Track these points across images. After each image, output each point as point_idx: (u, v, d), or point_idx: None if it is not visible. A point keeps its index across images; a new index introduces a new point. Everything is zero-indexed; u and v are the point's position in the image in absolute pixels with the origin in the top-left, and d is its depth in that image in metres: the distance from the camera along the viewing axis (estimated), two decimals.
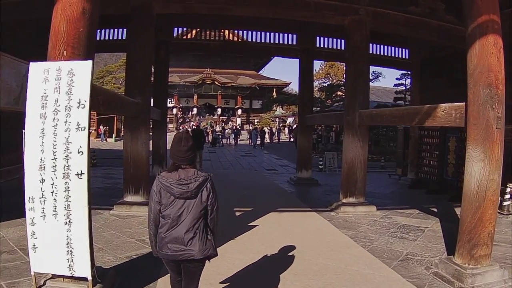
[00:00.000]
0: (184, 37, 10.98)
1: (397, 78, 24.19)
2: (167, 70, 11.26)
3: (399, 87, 24.33)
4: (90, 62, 3.41)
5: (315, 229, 6.35)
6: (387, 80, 70.51)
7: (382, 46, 12.51)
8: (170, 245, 2.69)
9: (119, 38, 10.67)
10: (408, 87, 23.78)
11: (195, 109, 50.37)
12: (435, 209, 8.44)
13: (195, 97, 50.80)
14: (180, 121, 46.09)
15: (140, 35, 7.07)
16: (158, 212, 2.75)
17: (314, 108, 14.46)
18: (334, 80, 43.56)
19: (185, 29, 11.18)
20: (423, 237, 6.27)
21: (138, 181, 6.98)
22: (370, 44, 9.04)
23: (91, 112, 3.53)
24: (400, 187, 11.85)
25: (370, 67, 8.77)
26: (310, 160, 11.74)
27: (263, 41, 11.15)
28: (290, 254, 5.07)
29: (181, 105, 51.40)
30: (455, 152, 10.25)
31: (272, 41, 11.20)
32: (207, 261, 2.85)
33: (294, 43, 11.33)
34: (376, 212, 7.69)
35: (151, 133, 11.52)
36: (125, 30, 10.21)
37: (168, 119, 49.38)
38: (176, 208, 2.69)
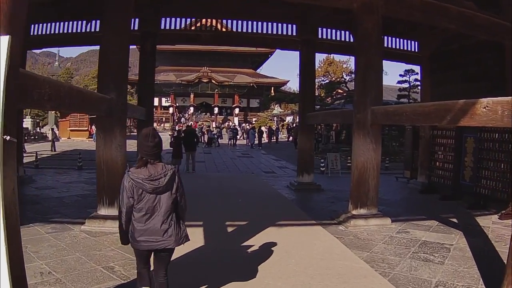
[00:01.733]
0: (173, 28, 9.90)
1: (400, 75, 23.03)
2: (153, 64, 10.18)
3: (402, 84, 23.26)
4: (6, 38, 2.36)
5: (323, 250, 5.28)
6: (389, 77, 69.34)
7: (389, 38, 11.48)
8: (146, 237, 2.85)
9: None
10: (412, 84, 22.79)
11: (191, 108, 49.49)
12: (454, 219, 7.47)
13: (192, 96, 50.06)
14: (176, 121, 45.06)
15: (115, 20, 6.00)
16: (131, 207, 2.87)
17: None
18: (333, 78, 42.50)
19: (173, 19, 10.08)
20: (451, 258, 5.25)
21: (113, 191, 5.91)
22: None
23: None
24: (410, 192, 10.84)
25: None
26: (312, 163, 10.67)
27: (259, 31, 10.10)
28: None
29: (177, 104, 50.50)
30: (473, 154, 9.25)
31: (270, 32, 10.14)
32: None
33: (294, 34, 10.29)
34: (390, 225, 6.66)
35: (135, 133, 10.51)
36: None
37: (164, 118, 48.51)
38: (150, 202, 2.85)
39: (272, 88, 49.44)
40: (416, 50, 12.06)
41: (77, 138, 28.69)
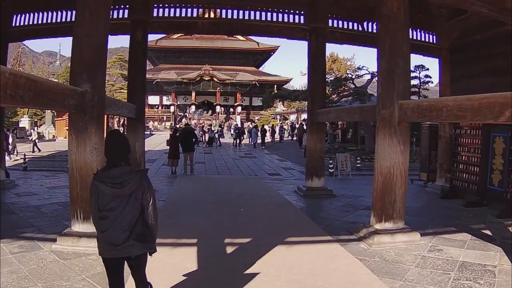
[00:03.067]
0: (166, 16, 8.87)
1: (410, 70, 21.99)
2: (145, 55, 9.13)
3: (412, 81, 22.21)
4: None
5: (346, 279, 4.22)
6: None
7: None
8: (109, 244, 2.72)
9: None
10: (422, 80, 21.78)
11: (193, 107, 48.80)
12: (487, 231, 6.48)
13: (193, 94, 49.46)
14: (178, 119, 44.24)
15: None
16: (98, 212, 2.76)
17: None
18: (338, 76, 41.45)
19: (167, 9, 9.07)
20: (499, 286, 4.25)
21: (88, 203, 4.87)
22: None
23: None
24: (430, 197, 9.78)
25: None
26: (322, 166, 9.56)
27: (263, 19, 9.08)
28: None
29: (178, 103, 49.77)
30: (503, 156, 8.20)
31: (275, 20, 9.13)
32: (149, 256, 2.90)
33: (302, 22, 9.26)
34: (420, 241, 5.62)
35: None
36: None
37: (165, 117, 47.79)
38: (113, 208, 2.71)
39: (275, 86, 48.59)
40: (434, 42, 11.03)
41: None
